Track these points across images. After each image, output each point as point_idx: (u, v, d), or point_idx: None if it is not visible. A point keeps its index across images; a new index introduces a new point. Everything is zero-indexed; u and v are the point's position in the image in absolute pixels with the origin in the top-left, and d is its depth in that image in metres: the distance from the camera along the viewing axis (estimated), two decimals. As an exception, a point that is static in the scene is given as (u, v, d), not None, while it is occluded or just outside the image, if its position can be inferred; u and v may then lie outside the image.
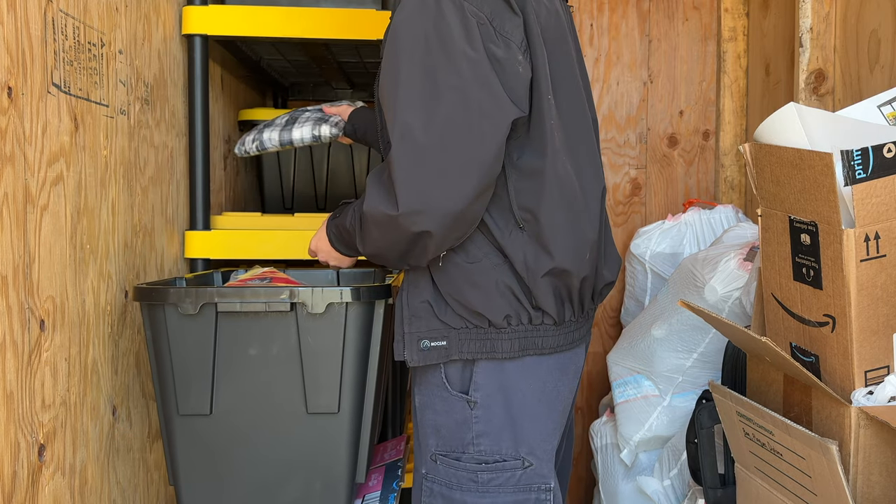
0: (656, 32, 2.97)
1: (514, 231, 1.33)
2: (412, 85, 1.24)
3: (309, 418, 1.43)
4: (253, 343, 1.42)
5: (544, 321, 1.37)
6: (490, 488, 1.38)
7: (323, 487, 1.45)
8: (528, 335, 1.37)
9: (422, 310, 1.37)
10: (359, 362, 1.44)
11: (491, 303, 1.34)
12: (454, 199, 1.24)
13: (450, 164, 1.24)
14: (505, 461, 1.38)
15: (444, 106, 1.23)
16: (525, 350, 1.36)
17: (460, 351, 1.36)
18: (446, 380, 1.38)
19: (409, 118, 1.23)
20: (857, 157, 1.23)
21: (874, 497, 1.27)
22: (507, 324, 1.35)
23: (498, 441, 1.38)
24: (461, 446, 1.38)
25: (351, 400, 1.44)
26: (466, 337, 1.36)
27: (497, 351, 1.36)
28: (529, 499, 1.39)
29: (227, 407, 1.43)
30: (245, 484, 1.45)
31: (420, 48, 1.24)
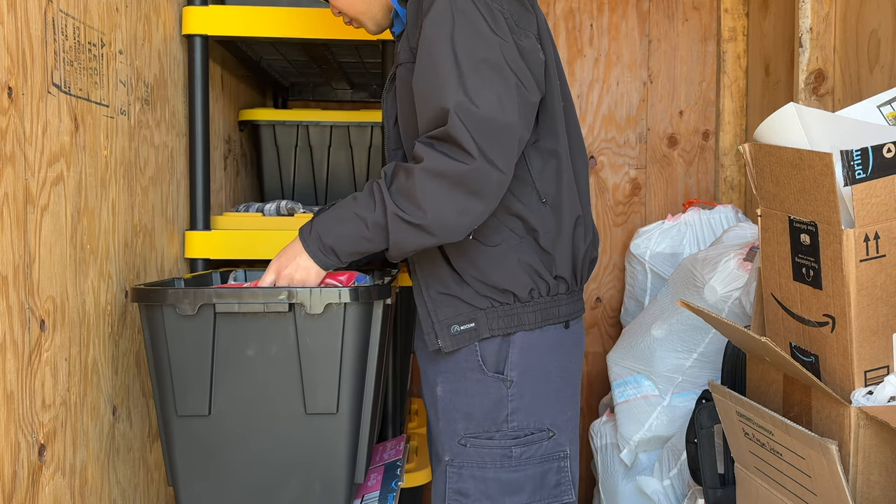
0: (656, 33, 2.97)
1: (539, 206, 1.47)
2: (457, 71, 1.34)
3: (307, 419, 1.43)
4: (251, 344, 1.42)
5: (559, 290, 1.51)
6: (521, 461, 1.49)
7: (322, 488, 1.45)
8: (548, 305, 1.50)
9: (446, 298, 1.49)
10: (357, 363, 1.44)
11: (517, 279, 1.47)
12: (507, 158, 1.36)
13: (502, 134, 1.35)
14: (533, 434, 1.50)
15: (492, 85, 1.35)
16: (546, 320, 1.49)
17: (489, 328, 1.48)
18: (482, 362, 1.49)
19: (461, 97, 1.33)
20: (856, 157, 1.23)
21: (874, 497, 1.27)
22: (531, 297, 1.48)
23: (528, 416, 1.50)
24: (495, 425, 1.49)
25: (349, 400, 1.44)
26: (494, 315, 1.48)
27: (524, 323, 1.48)
28: (553, 467, 1.52)
29: (226, 408, 1.43)
30: (244, 484, 1.45)
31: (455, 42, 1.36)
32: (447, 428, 1.52)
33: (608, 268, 2.96)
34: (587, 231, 1.54)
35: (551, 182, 1.48)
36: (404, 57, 1.49)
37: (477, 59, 1.35)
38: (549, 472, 1.51)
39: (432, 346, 1.50)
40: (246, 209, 2.10)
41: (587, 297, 2.96)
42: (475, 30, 1.36)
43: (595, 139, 2.96)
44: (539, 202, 1.47)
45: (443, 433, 1.53)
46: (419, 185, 1.34)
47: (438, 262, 1.50)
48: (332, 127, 2.45)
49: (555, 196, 1.48)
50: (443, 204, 1.34)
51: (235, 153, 2.43)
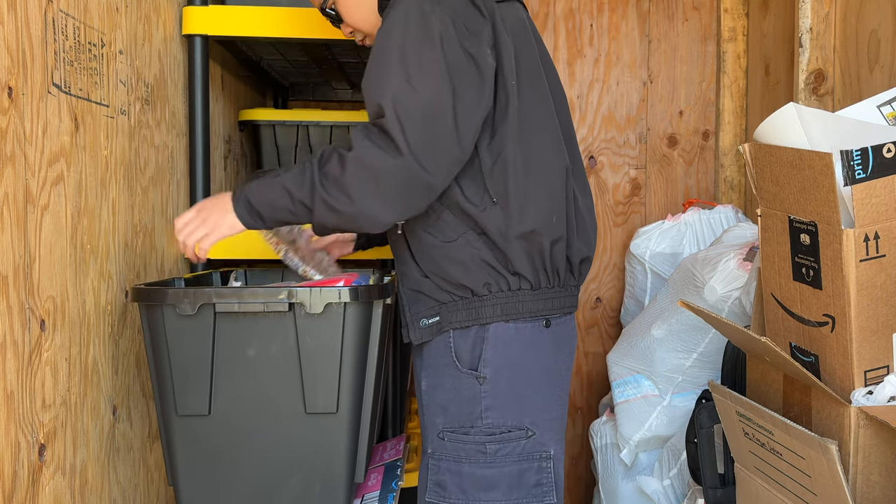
0: (656, 33, 2.97)
1: (489, 206, 1.47)
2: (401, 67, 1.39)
3: (307, 418, 1.43)
4: (251, 343, 1.42)
5: (521, 286, 1.50)
6: (497, 458, 1.49)
7: (322, 487, 1.45)
8: (509, 300, 1.50)
9: (415, 294, 1.54)
10: (357, 362, 1.44)
11: (470, 275, 1.48)
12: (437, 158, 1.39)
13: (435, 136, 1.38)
14: (510, 431, 1.50)
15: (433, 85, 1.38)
16: (507, 315, 1.49)
17: (450, 322, 1.50)
18: (457, 359, 1.50)
19: (401, 89, 1.38)
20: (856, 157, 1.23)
21: (874, 497, 1.27)
22: (488, 291, 1.49)
23: (504, 413, 1.50)
24: (469, 421, 1.50)
25: (349, 400, 1.44)
26: (454, 308, 1.51)
27: (482, 317, 1.49)
28: (532, 467, 1.51)
29: (226, 407, 1.43)
30: (244, 484, 1.45)
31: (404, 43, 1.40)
32: (429, 421, 1.55)
33: (608, 268, 2.96)
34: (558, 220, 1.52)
35: (500, 182, 1.47)
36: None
37: (422, 60, 1.39)
38: (527, 471, 1.51)
39: (405, 338, 1.55)
40: None
41: (587, 298, 2.96)
42: (424, 35, 1.40)
43: (595, 139, 2.96)
44: (490, 202, 1.47)
45: (426, 427, 1.56)
46: (349, 175, 1.37)
47: (407, 259, 1.55)
48: (332, 127, 2.45)
49: (503, 196, 1.47)
50: (370, 196, 1.37)
51: (235, 153, 2.43)
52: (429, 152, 1.37)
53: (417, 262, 1.53)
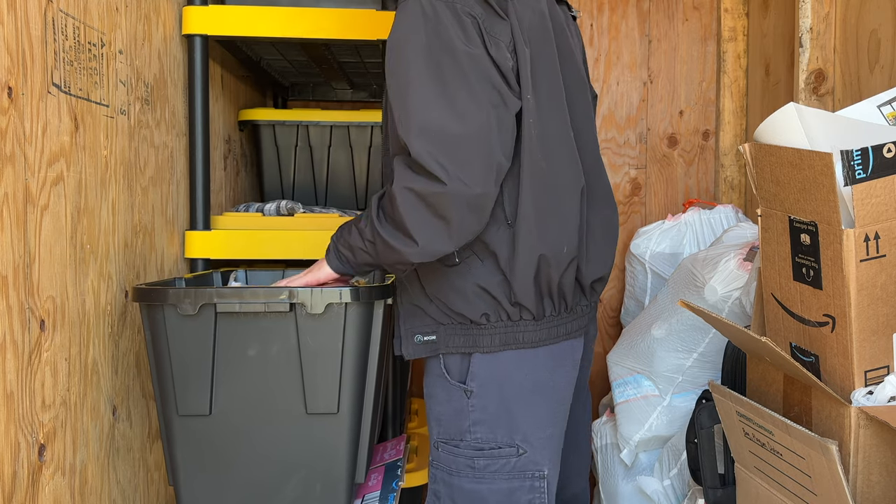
0: (656, 32, 2.97)
1: (504, 226, 1.41)
2: (423, 86, 1.31)
3: (308, 419, 1.43)
4: (252, 343, 1.42)
5: (523, 317, 1.44)
6: (486, 474, 1.45)
7: (322, 488, 1.45)
8: (508, 331, 1.44)
9: (414, 309, 1.49)
10: (358, 363, 1.44)
11: (468, 304, 1.43)
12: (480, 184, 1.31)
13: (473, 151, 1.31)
14: (500, 448, 1.44)
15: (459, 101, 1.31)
16: (506, 345, 1.44)
17: (446, 345, 1.46)
18: (446, 370, 1.46)
19: (426, 116, 1.30)
20: (856, 157, 1.23)
21: (874, 497, 1.27)
22: (487, 321, 1.44)
23: (493, 429, 1.44)
24: (459, 434, 1.46)
25: (350, 400, 1.44)
26: (452, 332, 1.46)
27: (479, 346, 1.44)
28: (524, 486, 1.45)
29: (227, 407, 1.43)
30: (245, 484, 1.45)
31: (423, 52, 1.31)
32: (430, 429, 1.52)
33: (608, 268, 2.96)
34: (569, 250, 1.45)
35: (512, 203, 1.41)
36: None
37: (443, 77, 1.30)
38: (518, 490, 1.45)
39: (396, 350, 1.50)
40: (246, 209, 2.10)
41: (587, 297, 2.96)
42: (442, 39, 1.31)
43: (595, 139, 2.96)
44: (505, 223, 1.41)
45: (430, 434, 1.54)
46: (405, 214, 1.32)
47: (411, 274, 1.48)
48: (332, 127, 2.45)
49: (513, 217, 1.41)
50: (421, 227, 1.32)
51: (235, 153, 2.43)
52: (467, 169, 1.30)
53: (421, 282, 1.47)
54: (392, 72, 1.35)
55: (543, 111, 1.42)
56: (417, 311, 1.48)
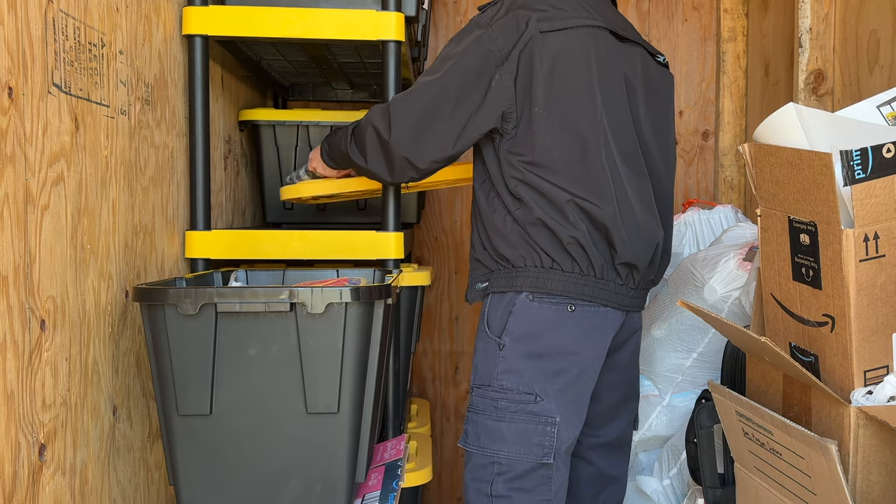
0: (656, 33, 2.97)
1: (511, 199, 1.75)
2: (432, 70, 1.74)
3: (308, 418, 1.43)
4: (252, 343, 1.42)
5: (553, 266, 1.72)
6: (506, 415, 1.72)
7: (322, 487, 1.45)
8: (540, 276, 1.72)
9: (476, 263, 1.83)
10: (358, 362, 1.44)
11: (511, 248, 1.74)
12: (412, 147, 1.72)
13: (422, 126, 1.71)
14: (520, 394, 1.71)
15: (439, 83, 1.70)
16: (537, 287, 1.72)
17: (494, 286, 1.77)
18: (487, 325, 1.77)
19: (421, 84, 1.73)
20: (856, 157, 1.23)
21: (874, 497, 1.27)
22: (524, 264, 1.73)
23: (517, 378, 1.71)
24: (489, 379, 1.74)
25: (350, 400, 1.44)
26: (498, 275, 1.77)
27: (516, 286, 1.73)
28: (537, 429, 1.71)
29: (227, 407, 1.43)
30: (245, 484, 1.45)
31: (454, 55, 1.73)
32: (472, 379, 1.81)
33: (608, 268, 2.96)
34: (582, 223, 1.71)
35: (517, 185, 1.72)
36: None
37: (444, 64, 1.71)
38: (531, 431, 1.70)
39: (466, 298, 1.84)
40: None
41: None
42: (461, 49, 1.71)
43: (595, 139, 2.96)
44: (512, 197, 1.74)
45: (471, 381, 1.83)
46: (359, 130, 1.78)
47: (475, 232, 1.83)
48: (332, 127, 2.45)
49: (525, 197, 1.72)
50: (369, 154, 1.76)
51: (235, 153, 2.43)
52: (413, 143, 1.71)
53: (479, 235, 1.81)
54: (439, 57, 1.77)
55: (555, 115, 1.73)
56: (478, 265, 1.82)
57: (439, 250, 3.14)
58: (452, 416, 3.16)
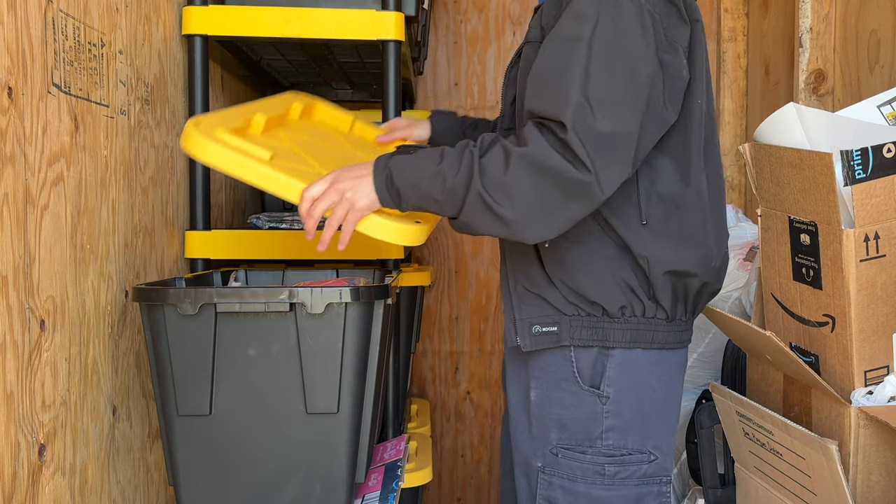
0: (656, 32, 2.96)
1: (637, 226, 1.35)
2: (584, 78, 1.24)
3: (308, 418, 1.43)
4: (252, 343, 1.42)
5: (657, 315, 1.39)
6: (616, 481, 1.41)
7: (322, 487, 1.45)
8: (640, 328, 1.39)
9: (531, 297, 1.42)
10: (358, 362, 1.44)
11: (607, 293, 1.37)
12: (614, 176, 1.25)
13: (617, 149, 1.25)
14: (632, 455, 1.41)
15: (620, 97, 1.25)
16: (636, 342, 1.39)
17: (571, 337, 1.40)
18: (577, 373, 1.40)
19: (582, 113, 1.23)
20: (856, 157, 1.23)
21: (874, 497, 1.27)
22: (622, 314, 1.38)
23: (626, 435, 1.41)
24: (588, 440, 1.41)
25: (350, 400, 1.44)
26: (578, 324, 1.39)
27: (608, 339, 1.39)
28: (652, 491, 1.43)
29: (227, 407, 1.43)
30: (244, 484, 1.45)
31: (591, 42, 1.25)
32: (540, 434, 1.45)
33: (608, 268, 2.96)
34: (716, 264, 1.42)
35: (658, 206, 1.36)
36: (533, 35, 1.43)
37: (611, 66, 1.25)
38: (646, 496, 1.43)
39: (511, 342, 1.44)
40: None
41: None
42: (619, 34, 1.26)
43: (595, 139, 2.96)
44: (639, 223, 1.35)
45: (536, 438, 1.46)
46: (515, 173, 1.22)
47: (530, 257, 1.42)
48: (332, 127, 2.44)
49: (659, 221, 1.36)
50: (536, 202, 1.23)
51: (235, 153, 2.43)
52: (611, 179, 1.24)
53: (543, 263, 1.40)
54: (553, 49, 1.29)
55: (708, 119, 1.41)
56: (535, 300, 1.42)
57: (439, 250, 3.14)
58: (452, 417, 3.16)
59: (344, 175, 1.32)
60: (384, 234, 1.34)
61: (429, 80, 3.09)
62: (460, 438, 3.16)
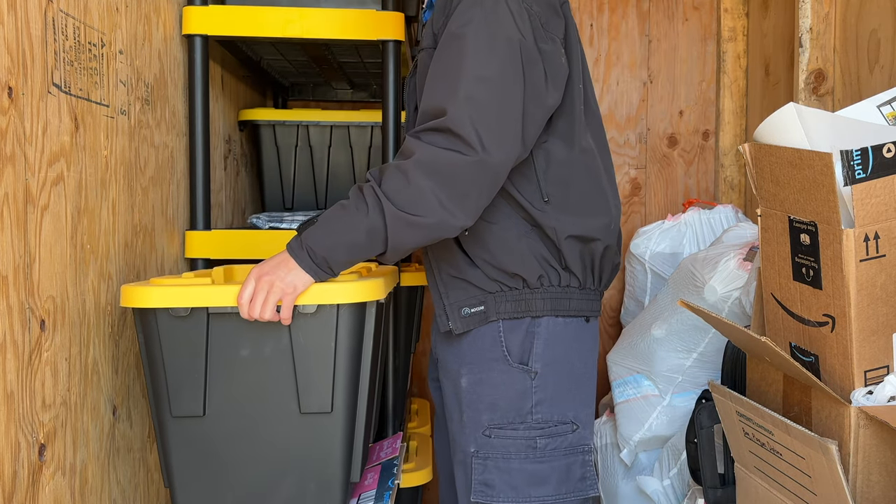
0: (656, 32, 2.97)
1: (541, 204, 1.47)
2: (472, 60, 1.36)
3: (302, 418, 1.43)
4: (245, 344, 1.41)
5: (570, 283, 1.51)
6: (546, 453, 1.49)
7: (317, 487, 1.45)
8: (558, 296, 1.50)
9: (457, 281, 1.52)
10: (351, 361, 1.44)
11: (525, 265, 1.48)
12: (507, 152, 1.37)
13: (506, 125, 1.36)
14: (557, 426, 1.50)
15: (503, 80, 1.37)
16: (556, 311, 1.50)
17: (497, 312, 1.49)
18: (508, 353, 1.49)
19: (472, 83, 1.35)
20: (856, 156, 1.23)
21: (874, 497, 1.27)
22: (540, 284, 1.49)
23: (552, 407, 1.50)
24: (520, 416, 1.49)
25: (344, 399, 1.44)
26: (502, 299, 1.49)
27: (532, 310, 1.49)
28: (578, 460, 1.52)
29: (221, 408, 1.43)
30: (240, 484, 1.45)
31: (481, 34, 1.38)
32: (472, 419, 1.52)
33: (608, 268, 2.96)
34: (614, 228, 1.56)
35: (556, 184, 1.48)
36: (426, 42, 1.52)
37: (492, 49, 1.36)
38: (573, 464, 1.51)
39: (443, 327, 1.52)
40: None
41: (587, 297, 2.96)
42: (498, 23, 1.38)
43: (595, 139, 2.96)
44: (541, 200, 1.48)
45: (468, 424, 1.53)
46: (417, 183, 1.32)
47: (450, 245, 1.51)
48: (332, 127, 2.45)
49: (559, 198, 1.49)
50: (448, 199, 1.33)
51: (235, 153, 2.43)
52: (500, 147, 1.34)
53: (464, 248, 1.50)
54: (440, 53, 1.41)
55: (589, 101, 1.55)
56: (461, 283, 1.51)
57: (439, 250, 3.13)
58: (452, 416, 3.16)
59: (264, 269, 1.38)
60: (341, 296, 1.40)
61: (429, 80, 3.08)
62: (460, 438, 3.16)
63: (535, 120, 1.41)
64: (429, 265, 1.58)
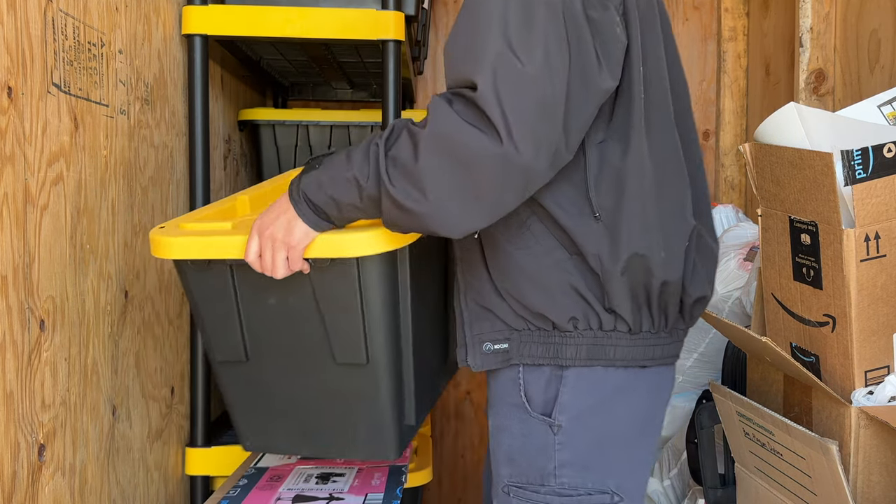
0: (656, 32, 2.96)
1: (589, 220, 1.16)
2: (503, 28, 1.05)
3: (339, 368, 1.36)
4: (271, 293, 1.34)
5: (617, 327, 1.19)
6: None
7: (367, 431, 1.39)
8: (598, 342, 1.19)
9: (481, 311, 1.25)
10: (385, 312, 1.32)
11: (555, 302, 1.18)
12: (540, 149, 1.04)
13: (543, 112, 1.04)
14: (591, 495, 1.20)
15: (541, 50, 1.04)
16: (593, 359, 1.19)
17: (520, 354, 1.22)
18: (526, 399, 1.22)
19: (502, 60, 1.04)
20: (857, 156, 1.23)
21: (874, 497, 1.27)
22: (574, 327, 1.19)
23: (583, 472, 1.20)
24: (540, 477, 1.21)
25: (385, 350, 1.34)
26: (528, 339, 1.21)
27: (560, 357, 1.20)
28: None
29: (262, 354, 1.39)
30: (291, 424, 1.44)
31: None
32: (494, 469, 1.28)
33: (608, 268, 2.96)
34: (677, 257, 1.20)
35: (609, 194, 1.15)
36: None
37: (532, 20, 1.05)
38: None
39: (461, 361, 1.28)
40: None
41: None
42: None
43: (595, 139, 2.96)
44: (591, 217, 1.16)
45: (493, 471, 1.29)
46: (425, 160, 1.06)
47: (478, 268, 1.24)
48: (332, 127, 2.45)
49: (612, 212, 1.15)
50: (452, 189, 1.06)
51: (235, 153, 2.43)
52: (532, 142, 1.03)
53: (491, 276, 1.23)
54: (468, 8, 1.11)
55: (653, 91, 1.18)
56: (485, 314, 1.24)
57: (439, 250, 3.14)
58: (452, 417, 3.16)
59: (265, 221, 1.22)
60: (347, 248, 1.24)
61: (429, 79, 3.09)
62: (460, 438, 3.16)
63: (583, 109, 1.08)
64: (457, 289, 1.30)
